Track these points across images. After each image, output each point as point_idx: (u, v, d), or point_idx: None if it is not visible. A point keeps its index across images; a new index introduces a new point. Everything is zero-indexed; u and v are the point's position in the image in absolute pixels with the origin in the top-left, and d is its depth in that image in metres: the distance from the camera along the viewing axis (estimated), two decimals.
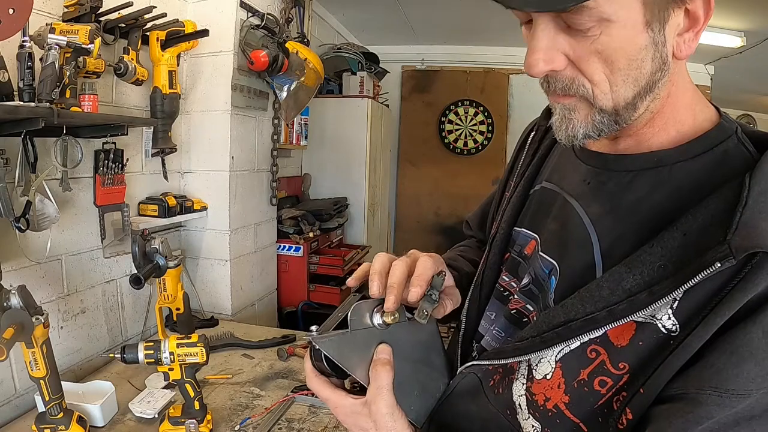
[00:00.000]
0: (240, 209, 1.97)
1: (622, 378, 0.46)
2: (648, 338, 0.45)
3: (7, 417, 1.18)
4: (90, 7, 1.26)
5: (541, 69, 0.48)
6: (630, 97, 0.48)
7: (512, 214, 0.68)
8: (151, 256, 1.34)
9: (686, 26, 0.48)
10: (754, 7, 2.53)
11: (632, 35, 0.46)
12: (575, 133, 0.51)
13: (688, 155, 0.51)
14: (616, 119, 0.50)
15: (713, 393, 0.41)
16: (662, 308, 0.45)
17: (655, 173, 0.52)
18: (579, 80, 0.49)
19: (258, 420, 1.20)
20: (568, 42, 0.47)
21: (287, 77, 2.02)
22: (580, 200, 0.58)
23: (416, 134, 4.15)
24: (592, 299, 0.48)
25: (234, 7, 1.80)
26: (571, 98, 0.50)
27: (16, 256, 1.19)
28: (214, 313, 1.94)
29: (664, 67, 0.48)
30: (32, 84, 1.11)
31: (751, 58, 3.25)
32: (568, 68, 0.48)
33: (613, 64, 0.47)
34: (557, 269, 0.57)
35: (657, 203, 0.51)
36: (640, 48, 0.46)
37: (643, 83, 0.48)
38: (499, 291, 0.66)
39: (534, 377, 0.52)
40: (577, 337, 0.48)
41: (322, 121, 2.90)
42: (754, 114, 5.31)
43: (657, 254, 0.47)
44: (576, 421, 0.49)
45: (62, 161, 1.25)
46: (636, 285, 0.46)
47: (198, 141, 1.89)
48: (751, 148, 0.50)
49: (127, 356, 1.04)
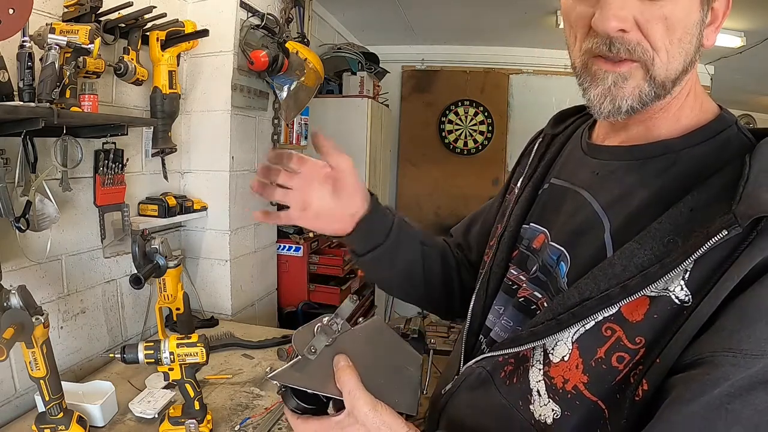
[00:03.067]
0: (240, 209, 1.97)
1: (639, 352, 0.47)
2: (662, 311, 0.47)
3: (7, 417, 1.18)
4: (90, 7, 1.26)
5: (615, 25, 0.50)
6: (680, 70, 0.52)
7: (521, 213, 0.70)
8: (151, 256, 1.34)
9: (710, 20, 0.52)
10: (754, 7, 2.53)
11: (692, 8, 0.50)
12: (621, 104, 0.53)
13: (693, 143, 0.54)
14: (661, 92, 0.53)
15: (728, 354, 0.42)
16: (674, 280, 0.46)
17: (662, 159, 0.55)
18: (643, 44, 0.51)
19: (258, 420, 1.20)
20: (638, 6, 0.50)
21: (287, 77, 2.02)
22: (590, 189, 0.60)
23: (416, 134, 4.15)
24: (606, 277, 0.50)
25: (234, 7, 1.80)
26: (629, 65, 0.52)
27: (16, 256, 1.19)
28: (214, 313, 1.94)
29: (699, 51, 0.53)
30: (32, 84, 1.11)
31: (751, 58, 3.25)
32: (633, 31, 0.50)
33: (674, 33, 0.50)
34: (566, 255, 0.58)
35: (664, 186, 0.53)
36: (694, 23, 0.51)
37: (689, 60, 0.52)
38: (508, 285, 0.67)
39: (551, 361, 0.53)
40: (592, 315, 0.50)
41: (322, 121, 2.90)
42: (754, 114, 5.31)
43: (666, 229, 0.49)
44: (594, 399, 0.49)
45: (62, 161, 1.25)
46: (648, 260, 0.48)
47: (198, 141, 1.88)
48: (750, 136, 0.54)
49: (127, 356, 1.04)
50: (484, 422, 0.58)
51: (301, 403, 0.58)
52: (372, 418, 0.53)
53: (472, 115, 4.05)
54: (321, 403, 0.58)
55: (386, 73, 3.41)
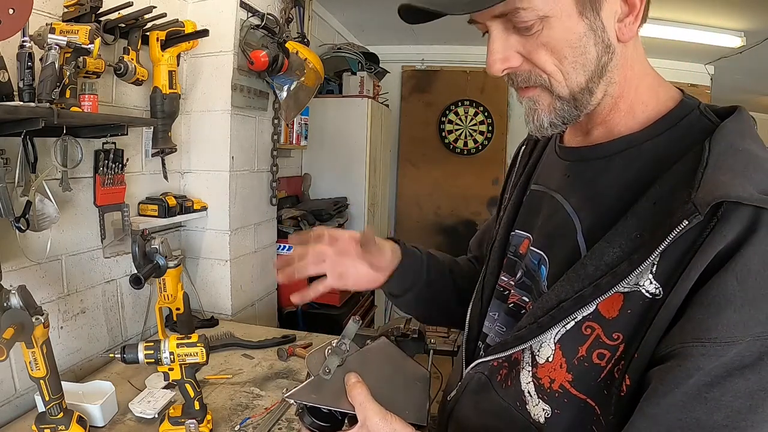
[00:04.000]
0: (240, 209, 1.97)
1: (619, 348, 0.48)
2: (635, 305, 0.47)
3: (7, 417, 1.18)
4: (90, 7, 1.26)
5: (499, 68, 0.54)
6: (583, 82, 0.53)
7: (508, 220, 0.72)
8: (151, 256, 1.34)
9: (625, 12, 0.52)
10: (754, 7, 2.53)
11: (570, 25, 0.51)
12: (541, 123, 0.56)
13: (655, 134, 0.55)
14: (575, 105, 0.55)
15: (696, 344, 0.42)
16: (644, 274, 0.47)
17: (626, 155, 0.56)
18: (536, 71, 0.54)
19: (258, 420, 1.20)
20: (519, 41, 0.53)
21: (287, 77, 2.02)
22: (562, 192, 0.62)
23: (416, 134, 4.15)
24: (579, 278, 0.51)
25: (234, 7, 1.80)
26: (533, 90, 0.55)
27: (16, 256, 1.19)
28: (214, 313, 1.94)
29: (608, 51, 0.53)
30: (32, 84, 1.11)
31: (751, 58, 3.25)
32: (523, 63, 0.54)
33: (559, 53, 0.52)
34: (545, 258, 0.60)
35: (630, 181, 0.54)
36: (580, 35, 0.51)
37: (592, 68, 0.53)
38: (500, 291, 0.69)
39: (538, 362, 0.54)
40: (570, 316, 0.51)
41: (322, 121, 2.90)
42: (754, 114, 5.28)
43: (632, 225, 0.50)
44: (582, 397, 0.50)
45: (62, 161, 1.25)
46: (617, 257, 0.49)
47: (198, 141, 1.88)
48: (713, 118, 0.53)
49: (127, 356, 1.04)
50: (490, 423, 0.60)
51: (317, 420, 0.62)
52: (383, 427, 0.56)
53: (472, 115, 4.05)
54: (335, 420, 0.62)
55: (386, 73, 3.41)
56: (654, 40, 3.07)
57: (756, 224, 0.43)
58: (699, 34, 2.94)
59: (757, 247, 0.42)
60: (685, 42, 3.05)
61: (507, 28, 0.53)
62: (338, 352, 0.62)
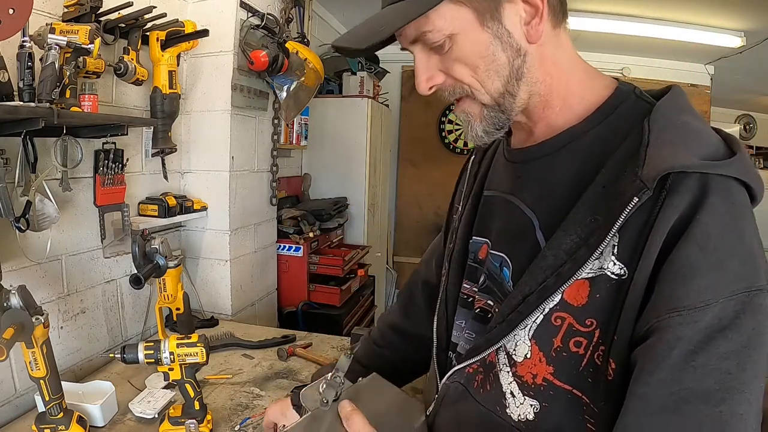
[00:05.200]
0: (240, 209, 1.97)
1: (594, 334, 0.48)
2: (603, 289, 0.48)
3: (7, 417, 1.18)
4: (90, 7, 1.26)
5: (425, 86, 0.58)
6: (500, 87, 0.56)
7: (465, 229, 0.72)
8: (151, 256, 1.34)
9: (531, 14, 0.54)
10: (754, 7, 2.54)
11: (475, 37, 0.54)
12: (476, 131, 0.59)
13: (595, 123, 0.56)
14: (501, 109, 0.57)
15: (672, 314, 0.43)
16: (606, 257, 0.48)
17: (570, 147, 0.57)
18: (457, 84, 0.57)
19: (258, 420, 1.20)
20: (439, 60, 0.57)
21: (287, 77, 2.02)
22: (515, 193, 0.63)
23: (416, 134, 4.15)
24: (541, 270, 0.52)
25: (234, 7, 1.80)
26: (463, 102, 0.59)
27: (16, 256, 1.19)
28: (214, 313, 1.94)
29: (520, 54, 0.55)
30: (32, 84, 1.11)
31: (751, 58, 3.25)
32: (447, 79, 0.58)
33: (472, 64, 0.55)
34: (507, 260, 0.61)
35: (578, 171, 0.55)
36: (487, 45, 0.54)
37: (506, 72, 0.55)
38: (464, 299, 0.69)
39: (516, 361, 0.54)
40: (537, 309, 0.51)
41: (322, 121, 2.90)
42: (754, 114, 5.30)
43: (585, 211, 0.51)
44: (567, 388, 0.50)
45: (62, 161, 1.25)
46: (574, 244, 0.50)
47: (198, 141, 1.88)
48: (649, 100, 0.55)
49: (127, 356, 1.04)
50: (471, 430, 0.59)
51: None
52: None
53: None
54: None
55: (386, 73, 3.41)
56: (654, 40, 3.07)
57: (705, 189, 0.44)
58: (699, 34, 2.94)
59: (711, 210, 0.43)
60: (685, 42, 3.05)
61: (425, 50, 0.57)
62: (333, 385, 0.62)
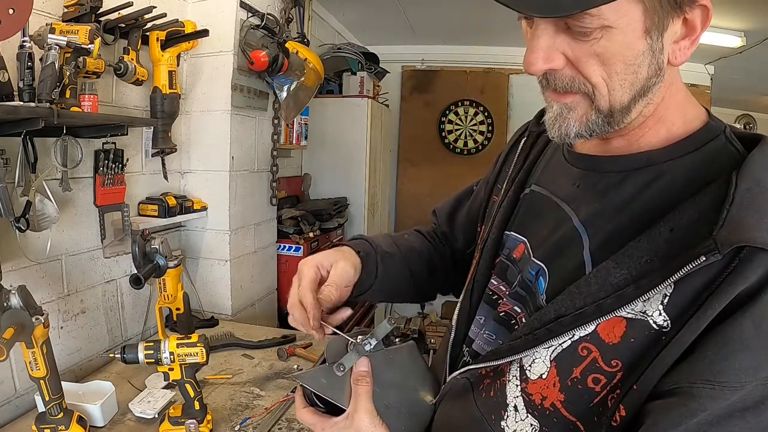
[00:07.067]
0: (240, 209, 1.97)
1: (616, 375, 0.46)
2: (639, 335, 0.46)
3: (7, 417, 1.18)
4: (90, 7, 1.26)
5: (540, 67, 0.49)
6: (626, 100, 0.50)
7: (503, 219, 0.69)
8: (151, 256, 1.34)
9: (683, 34, 0.49)
10: (754, 7, 2.53)
11: (631, 41, 0.46)
12: (568, 132, 0.52)
13: (678, 154, 0.52)
14: (609, 121, 0.51)
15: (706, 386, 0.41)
16: (652, 304, 0.45)
17: (645, 172, 0.53)
18: (579, 79, 0.49)
19: (258, 420, 1.20)
20: (568, 43, 0.48)
21: (287, 77, 2.02)
22: (570, 203, 0.59)
23: (416, 134, 4.15)
24: (581, 294, 0.49)
25: (234, 7, 1.80)
26: (572, 96, 0.51)
27: (16, 256, 1.19)
28: (214, 313, 1.94)
29: (659, 73, 0.49)
30: (32, 84, 1.11)
31: (751, 58, 3.25)
32: (566, 67, 0.49)
33: (611, 67, 0.48)
34: (545, 270, 0.57)
35: (647, 201, 0.52)
36: (637, 54, 0.47)
37: (638, 87, 0.49)
38: (489, 295, 0.67)
39: (529, 378, 0.52)
40: (568, 332, 0.49)
41: (322, 121, 2.90)
42: (754, 114, 5.30)
43: (644, 249, 0.47)
44: (572, 419, 0.49)
45: (62, 161, 1.25)
46: (623, 279, 0.47)
47: (198, 141, 1.88)
48: (738, 146, 0.51)
49: (127, 356, 1.04)
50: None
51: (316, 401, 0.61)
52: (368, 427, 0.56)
53: (472, 115, 4.05)
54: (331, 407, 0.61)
55: (386, 73, 3.41)
56: None
57: None
58: None
59: None
60: None
61: (558, 25, 0.47)
62: (359, 350, 0.58)
